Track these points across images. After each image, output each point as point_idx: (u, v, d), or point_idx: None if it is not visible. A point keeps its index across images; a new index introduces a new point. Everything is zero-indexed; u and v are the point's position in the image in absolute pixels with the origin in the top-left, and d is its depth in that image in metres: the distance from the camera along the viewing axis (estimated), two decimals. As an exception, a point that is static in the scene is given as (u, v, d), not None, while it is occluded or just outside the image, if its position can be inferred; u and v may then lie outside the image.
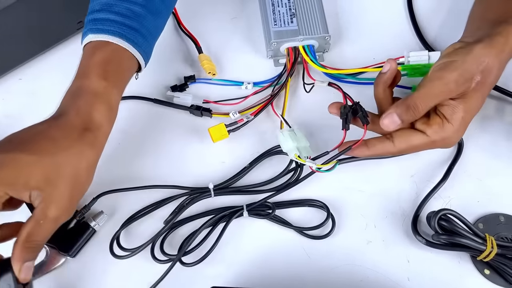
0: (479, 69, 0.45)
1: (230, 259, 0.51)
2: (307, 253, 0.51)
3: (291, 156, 0.50)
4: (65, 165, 0.41)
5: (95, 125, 0.44)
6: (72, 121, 0.43)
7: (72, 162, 0.41)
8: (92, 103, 0.44)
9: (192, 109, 0.57)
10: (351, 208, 0.53)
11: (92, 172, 0.44)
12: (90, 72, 0.46)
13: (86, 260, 0.51)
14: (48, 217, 0.40)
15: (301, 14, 0.59)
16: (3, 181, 0.39)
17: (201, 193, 0.52)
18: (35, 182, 0.39)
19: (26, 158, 0.39)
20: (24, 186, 0.39)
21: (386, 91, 0.50)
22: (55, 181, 0.40)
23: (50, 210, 0.40)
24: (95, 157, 0.44)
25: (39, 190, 0.39)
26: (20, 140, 0.41)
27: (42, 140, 0.41)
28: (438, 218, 0.47)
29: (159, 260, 0.49)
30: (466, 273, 0.49)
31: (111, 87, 0.46)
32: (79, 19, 0.62)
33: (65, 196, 0.41)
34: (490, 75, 0.46)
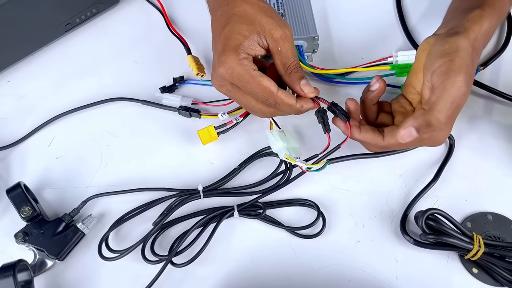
0: (473, 63, 0.45)
1: (221, 260, 0.51)
2: (296, 252, 0.51)
3: (281, 156, 0.51)
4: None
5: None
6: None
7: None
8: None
9: (180, 110, 0.56)
10: (340, 208, 0.53)
11: None
12: None
13: (75, 264, 0.51)
14: (279, 39, 0.47)
15: (289, 15, 0.59)
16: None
17: (190, 195, 0.52)
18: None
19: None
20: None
21: (372, 107, 0.51)
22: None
23: (275, 35, 0.47)
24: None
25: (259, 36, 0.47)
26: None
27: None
28: (426, 218, 0.48)
29: (150, 261, 0.49)
30: (454, 272, 0.49)
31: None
32: (67, 21, 0.62)
33: (269, 21, 0.47)
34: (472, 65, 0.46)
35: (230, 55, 0.46)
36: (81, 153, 0.57)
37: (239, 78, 0.46)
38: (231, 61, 0.46)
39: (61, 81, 0.61)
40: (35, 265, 0.50)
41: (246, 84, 0.46)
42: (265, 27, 0.47)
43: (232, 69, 0.46)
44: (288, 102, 0.47)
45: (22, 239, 0.50)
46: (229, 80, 0.47)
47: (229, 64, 0.46)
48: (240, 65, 0.46)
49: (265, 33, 0.47)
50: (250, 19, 0.47)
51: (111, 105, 0.59)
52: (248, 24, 0.47)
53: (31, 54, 0.62)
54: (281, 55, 0.47)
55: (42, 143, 0.58)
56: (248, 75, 0.46)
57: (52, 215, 0.53)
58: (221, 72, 0.47)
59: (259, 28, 0.47)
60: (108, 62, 0.63)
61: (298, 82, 0.48)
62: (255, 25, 0.47)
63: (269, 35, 0.47)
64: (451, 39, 0.46)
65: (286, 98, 0.47)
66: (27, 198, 0.51)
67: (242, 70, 0.46)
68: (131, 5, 0.67)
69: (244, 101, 0.49)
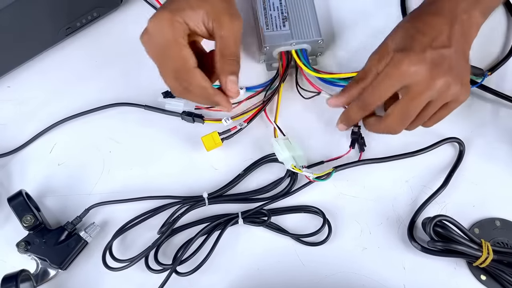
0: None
1: (225, 268, 0.50)
2: (302, 260, 0.50)
3: (287, 166, 0.50)
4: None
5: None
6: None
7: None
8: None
9: (183, 115, 0.56)
10: (346, 214, 0.52)
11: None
12: None
13: (78, 273, 0.50)
14: (224, 25, 0.45)
15: (293, 18, 0.58)
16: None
17: (195, 202, 0.51)
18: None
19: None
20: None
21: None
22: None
23: (222, 19, 0.45)
24: None
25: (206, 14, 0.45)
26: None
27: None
28: (434, 225, 0.47)
29: (154, 270, 0.49)
30: (463, 279, 0.49)
31: None
32: (68, 25, 0.61)
33: (223, 5, 0.46)
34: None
35: (166, 12, 0.44)
36: (83, 159, 0.56)
37: (164, 37, 0.44)
38: (164, 17, 0.44)
39: (62, 86, 0.61)
40: (38, 275, 0.49)
41: (167, 46, 0.44)
42: (216, 9, 0.45)
43: (161, 25, 0.44)
44: (201, 84, 0.45)
45: (24, 248, 0.49)
46: (153, 37, 0.45)
47: (160, 21, 0.44)
48: (170, 25, 0.44)
49: (214, 15, 0.45)
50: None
51: (113, 110, 0.58)
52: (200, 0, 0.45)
53: (31, 59, 0.61)
54: (222, 41, 0.46)
55: (43, 150, 0.57)
56: (172, 36, 0.44)
57: (54, 223, 0.52)
58: (149, 26, 0.45)
59: (209, 8, 0.45)
60: (109, 66, 0.62)
61: (226, 74, 0.46)
62: (207, 3, 0.45)
63: (217, 19, 0.45)
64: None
65: (201, 78, 0.45)
66: (28, 207, 0.50)
67: (170, 30, 0.44)
68: (133, 8, 0.66)
69: (163, 71, 0.47)
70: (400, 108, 0.46)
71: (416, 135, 0.52)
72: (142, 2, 0.65)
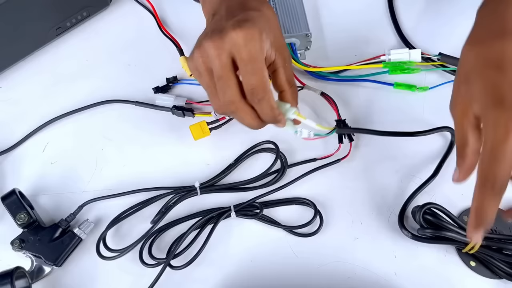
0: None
1: (219, 261, 0.51)
2: (295, 251, 0.51)
3: (290, 115, 0.46)
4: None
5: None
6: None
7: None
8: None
9: (174, 110, 0.56)
10: (337, 205, 0.53)
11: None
12: None
13: (73, 269, 0.51)
14: (286, 57, 0.46)
15: (281, 13, 0.59)
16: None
17: (187, 192, 0.52)
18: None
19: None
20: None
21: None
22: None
23: (284, 52, 0.46)
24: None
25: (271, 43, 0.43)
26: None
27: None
28: (423, 212, 0.48)
29: (148, 265, 0.49)
30: (452, 265, 0.49)
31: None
32: (58, 25, 0.61)
33: (282, 38, 0.46)
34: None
35: (256, 28, 0.41)
36: (75, 158, 0.56)
37: (252, 50, 0.40)
38: (256, 32, 0.40)
39: (54, 86, 0.61)
40: (33, 272, 0.49)
41: (255, 61, 0.41)
42: (278, 40, 0.45)
43: (252, 38, 0.40)
44: (272, 104, 0.43)
45: (19, 246, 0.49)
46: (237, 49, 0.40)
47: (253, 33, 0.40)
48: (260, 40, 0.41)
49: (277, 45, 0.44)
50: (272, 26, 0.44)
51: (104, 107, 0.59)
52: (269, 27, 0.43)
53: (22, 59, 0.62)
54: (287, 72, 0.46)
55: (36, 149, 0.57)
56: (261, 53, 0.41)
57: (48, 221, 0.53)
58: (235, 37, 0.40)
59: (273, 38, 0.43)
60: (100, 65, 0.62)
61: (296, 101, 0.47)
62: (272, 33, 0.44)
63: (279, 50, 0.45)
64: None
65: (272, 99, 0.43)
66: (22, 205, 0.50)
67: (260, 46, 0.41)
68: (122, 7, 0.66)
69: (247, 80, 0.42)
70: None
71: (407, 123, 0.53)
72: (131, 2, 0.66)
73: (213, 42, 0.41)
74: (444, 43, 0.60)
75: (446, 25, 0.63)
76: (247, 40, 0.40)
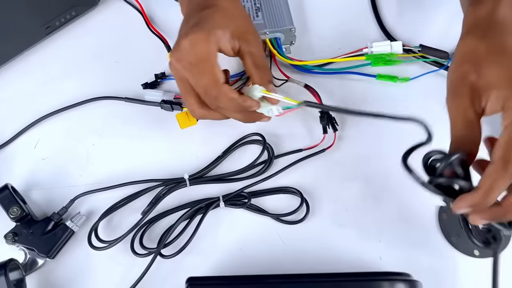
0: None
1: (209, 249, 0.52)
2: (282, 238, 0.52)
3: (256, 93, 0.48)
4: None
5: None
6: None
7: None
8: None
9: (162, 104, 0.57)
10: (323, 194, 0.54)
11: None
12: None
13: (66, 261, 0.52)
14: (252, 42, 0.48)
15: (266, 8, 0.60)
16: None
17: (177, 183, 0.53)
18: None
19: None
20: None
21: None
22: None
23: (249, 37, 0.48)
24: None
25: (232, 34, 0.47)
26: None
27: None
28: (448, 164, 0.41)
29: (139, 254, 0.50)
30: (436, 248, 0.51)
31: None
32: (47, 24, 0.62)
33: (245, 23, 0.49)
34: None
35: (202, 31, 0.45)
36: (67, 153, 0.58)
37: (198, 53, 0.45)
38: (200, 35, 0.45)
39: (44, 84, 0.62)
40: (26, 264, 0.50)
41: (200, 63, 0.45)
42: (240, 28, 0.48)
43: (197, 42, 0.45)
44: (231, 95, 0.46)
45: (12, 239, 0.50)
46: (186, 54, 0.45)
47: (196, 37, 0.45)
48: (206, 42, 0.45)
49: (239, 34, 0.47)
50: (230, 16, 0.48)
51: (94, 104, 0.60)
52: (227, 19, 0.47)
53: (12, 59, 0.63)
54: (253, 56, 0.48)
55: (27, 146, 0.58)
56: (207, 54, 0.45)
57: (40, 215, 0.54)
58: (183, 43, 0.45)
59: (234, 28, 0.47)
60: (90, 63, 0.63)
61: (266, 83, 0.48)
62: (233, 24, 0.47)
63: (243, 37, 0.47)
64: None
65: (229, 91, 0.46)
66: (15, 199, 0.51)
67: (206, 47, 0.45)
68: (110, 6, 0.67)
69: (195, 84, 0.47)
70: None
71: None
72: (119, 1, 0.67)
73: (172, 56, 0.46)
74: (424, 35, 0.62)
75: (426, 17, 0.65)
76: (192, 45, 0.45)
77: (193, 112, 0.50)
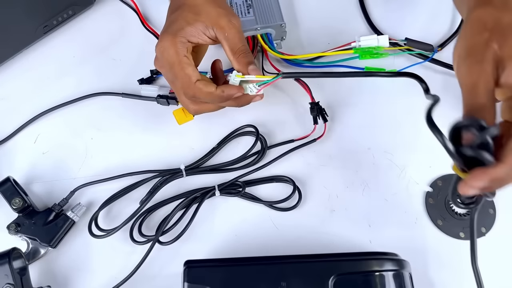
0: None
1: (206, 236, 0.54)
2: (276, 225, 0.54)
3: (232, 80, 0.50)
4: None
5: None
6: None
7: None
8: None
9: (158, 99, 0.59)
10: (315, 181, 0.56)
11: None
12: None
13: (67, 250, 0.53)
14: (225, 27, 0.49)
15: (257, 5, 0.62)
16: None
17: (173, 173, 0.55)
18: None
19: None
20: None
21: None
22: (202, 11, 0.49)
23: (221, 23, 0.49)
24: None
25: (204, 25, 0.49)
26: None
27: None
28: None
29: (138, 242, 0.52)
30: (422, 229, 0.53)
31: None
32: (45, 23, 0.64)
33: (217, 11, 0.49)
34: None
35: (168, 36, 0.48)
36: (66, 147, 0.59)
37: (168, 59, 0.48)
38: (166, 41, 0.48)
39: (42, 81, 0.64)
40: (29, 253, 0.52)
41: (172, 67, 0.48)
42: (212, 16, 0.49)
43: (164, 48, 0.48)
44: (207, 90, 0.48)
45: (15, 229, 0.52)
46: (160, 60, 0.49)
47: (163, 44, 0.48)
48: (173, 46, 0.47)
49: (212, 22, 0.49)
50: (198, 9, 0.49)
51: (92, 100, 0.62)
52: (195, 14, 0.49)
53: (11, 58, 0.65)
54: (229, 41, 0.49)
55: (27, 141, 0.60)
56: (176, 58, 0.47)
57: (42, 206, 0.56)
58: (156, 52, 0.49)
59: (205, 18, 0.49)
60: (87, 61, 0.65)
61: (246, 67, 0.50)
62: (202, 14, 0.49)
63: (216, 24, 0.49)
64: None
65: (204, 87, 0.48)
66: (17, 191, 0.53)
67: (173, 52, 0.47)
68: (106, 5, 0.69)
69: (175, 90, 0.51)
70: None
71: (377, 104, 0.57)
72: (115, 0, 0.69)
73: (154, 63, 0.51)
74: (410, 29, 0.65)
75: (411, 12, 0.67)
76: (161, 52, 0.49)
77: (187, 108, 0.52)
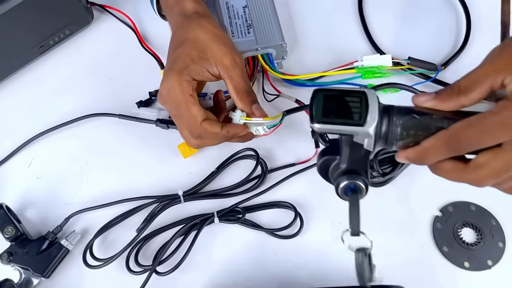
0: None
1: (204, 265, 0.52)
2: (277, 253, 0.52)
3: (236, 119, 0.49)
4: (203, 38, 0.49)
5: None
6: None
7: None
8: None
9: (158, 123, 0.58)
10: (317, 207, 0.55)
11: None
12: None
13: (61, 280, 0.52)
14: (229, 66, 0.48)
15: (257, 25, 0.61)
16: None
17: (171, 200, 0.54)
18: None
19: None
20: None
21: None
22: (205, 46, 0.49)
23: (225, 62, 0.48)
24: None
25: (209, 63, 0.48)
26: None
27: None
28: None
29: (135, 272, 0.51)
30: (428, 255, 0.52)
31: None
32: (41, 43, 0.63)
33: (221, 48, 0.49)
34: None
35: (173, 74, 0.47)
36: (61, 171, 0.58)
37: (174, 98, 0.48)
38: (172, 80, 0.47)
39: (38, 102, 0.62)
40: (21, 284, 0.50)
41: (178, 106, 0.48)
42: (215, 54, 0.48)
43: (170, 87, 0.47)
44: (212, 131, 0.48)
45: (7, 259, 0.50)
46: (165, 99, 0.49)
47: (169, 83, 0.47)
48: (178, 85, 0.47)
49: (216, 60, 0.48)
50: (202, 45, 0.49)
51: (88, 122, 0.61)
52: (198, 50, 0.48)
53: (5, 78, 0.63)
54: (232, 81, 0.49)
55: (21, 164, 0.58)
56: (182, 97, 0.47)
57: (35, 234, 0.54)
58: (161, 89, 0.49)
59: (210, 55, 0.48)
60: (83, 81, 0.64)
61: (250, 105, 0.49)
62: (206, 51, 0.48)
63: (220, 63, 0.48)
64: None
65: (210, 127, 0.48)
66: (9, 219, 0.52)
67: (179, 91, 0.47)
68: (104, 24, 0.68)
69: (178, 125, 0.51)
70: (502, 162, 0.36)
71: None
72: (113, 19, 0.68)
73: (158, 99, 0.50)
74: (413, 48, 0.63)
75: (413, 31, 0.66)
76: (167, 91, 0.48)
77: (189, 142, 0.51)
